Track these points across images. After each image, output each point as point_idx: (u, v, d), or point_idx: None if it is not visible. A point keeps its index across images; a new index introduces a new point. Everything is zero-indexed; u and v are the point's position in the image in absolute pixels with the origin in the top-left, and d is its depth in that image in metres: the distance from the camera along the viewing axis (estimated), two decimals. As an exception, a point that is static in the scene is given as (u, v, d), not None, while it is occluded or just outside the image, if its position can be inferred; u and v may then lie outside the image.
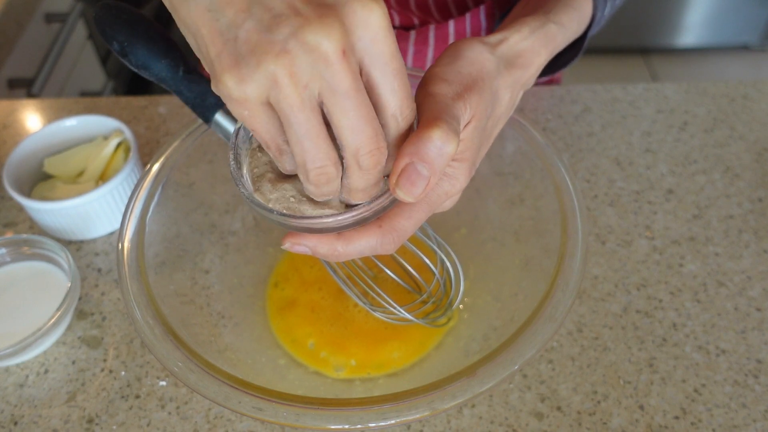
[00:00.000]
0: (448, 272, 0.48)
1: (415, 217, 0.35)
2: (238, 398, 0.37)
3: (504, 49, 0.39)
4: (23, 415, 0.50)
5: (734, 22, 2.03)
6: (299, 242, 0.35)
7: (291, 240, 0.35)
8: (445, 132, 0.31)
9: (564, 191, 0.46)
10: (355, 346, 0.51)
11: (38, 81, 1.10)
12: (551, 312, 0.40)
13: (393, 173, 0.32)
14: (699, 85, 0.75)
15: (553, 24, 0.43)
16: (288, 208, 0.34)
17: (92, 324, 0.56)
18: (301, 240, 0.35)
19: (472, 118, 0.35)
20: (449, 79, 0.35)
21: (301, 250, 0.35)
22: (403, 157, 0.31)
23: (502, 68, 0.39)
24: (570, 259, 0.42)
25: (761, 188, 0.64)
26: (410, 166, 0.31)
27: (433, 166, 0.31)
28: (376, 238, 0.35)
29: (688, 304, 0.55)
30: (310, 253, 0.35)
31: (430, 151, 0.31)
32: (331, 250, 0.35)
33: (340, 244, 0.35)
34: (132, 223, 0.46)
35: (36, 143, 0.63)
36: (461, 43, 0.38)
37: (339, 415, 0.36)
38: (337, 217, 0.33)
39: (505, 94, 0.39)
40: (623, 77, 2.04)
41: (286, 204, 0.34)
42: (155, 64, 0.42)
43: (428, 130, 0.31)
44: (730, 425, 0.48)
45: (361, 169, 0.31)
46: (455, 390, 0.37)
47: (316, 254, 0.35)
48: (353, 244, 0.35)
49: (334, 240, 0.35)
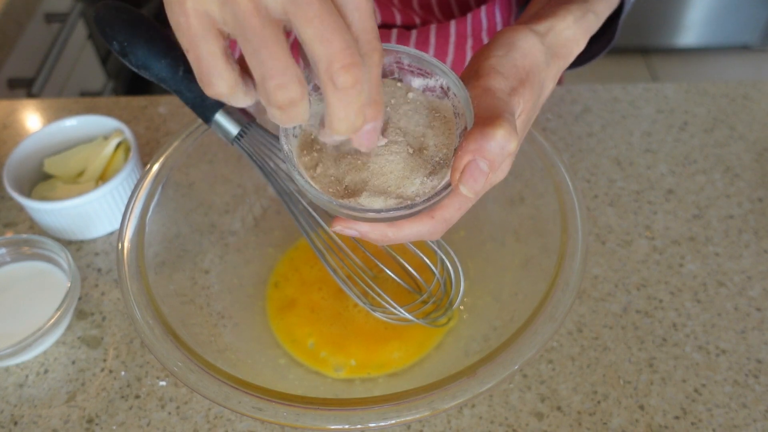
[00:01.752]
0: (449, 272, 0.48)
1: (464, 208, 0.36)
2: (238, 398, 0.37)
3: (551, 38, 0.39)
4: (23, 415, 0.50)
5: (734, 22, 2.03)
6: (350, 226, 0.36)
7: (342, 224, 0.36)
8: (507, 131, 0.32)
9: (564, 191, 0.46)
10: (354, 347, 0.51)
11: (38, 81, 1.10)
12: (551, 312, 0.40)
13: (455, 169, 0.33)
14: (699, 85, 0.75)
15: (592, 14, 0.42)
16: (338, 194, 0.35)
17: (92, 324, 0.56)
18: (352, 225, 0.36)
19: (522, 112, 0.36)
20: (505, 73, 0.35)
21: (351, 233, 0.36)
22: (467, 154, 0.32)
23: (549, 59, 0.39)
24: (570, 259, 0.42)
25: (761, 188, 0.64)
26: (473, 163, 0.32)
27: (494, 163, 0.32)
28: (427, 227, 0.36)
29: (688, 304, 0.55)
30: (359, 236, 0.36)
31: (492, 149, 0.32)
32: (381, 235, 0.36)
33: (391, 231, 0.36)
34: (132, 223, 0.46)
35: (36, 143, 0.63)
36: (513, 32, 0.38)
37: (339, 415, 0.36)
38: (396, 212, 0.34)
39: (549, 84, 0.39)
40: (623, 77, 2.04)
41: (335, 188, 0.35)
42: (155, 64, 0.43)
43: (492, 128, 0.32)
44: (730, 425, 0.48)
45: (337, 89, 0.28)
46: (455, 390, 0.37)
47: (366, 238, 0.36)
48: (404, 231, 0.36)
49: (385, 227, 0.36)
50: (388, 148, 0.36)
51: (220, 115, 0.44)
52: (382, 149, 0.36)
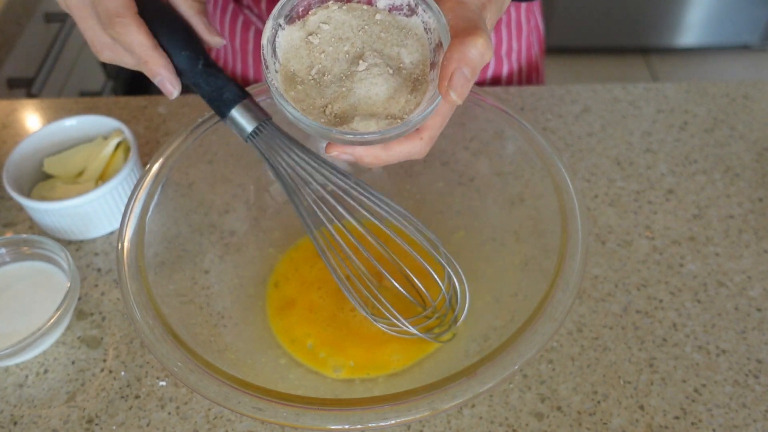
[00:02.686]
0: (455, 288, 0.48)
1: (444, 124, 0.39)
2: (238, 398, 0.37)
3: None
4: (23, 415, 0.50)
5: (735, 21, 2.03)
6: (345, 151, 0.38)
7: (338, 149, 0.38)
8: (485, 40, 0.34)
9: (564, 191, 0.46)
10: (353, 348, 0.51)
11: (38, 81, 1.10)
12: (551, 312, 0.40)
13: (443, 77, 0.35)
14: (699, 84, 0.75)
15: None
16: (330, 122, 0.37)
17: (92, 324, 0.56)
18: (347, 149, 0.38)
19: (490, 27, 0.38)
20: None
21: (346, 158, 0.38)
22: (452, 63, 0.34)
23: None
24: (570, 259, 0.42)
25: (761, 188, 0.64)
26: (458, 71, 0.34)
27: (475, 70, 0.34)
28: (417, 146, 0.38)
29: (689, 304, 0.55)
30: (353, 160, 0.38)
31: (474, 57, 0.34)
32: (375, 158, 0.38)
33: (384, 153, 0.38)
34: (132, 223, 0.45)
35: (36, 143, 0.63)
36: None
37: (339, 415, 0.36)
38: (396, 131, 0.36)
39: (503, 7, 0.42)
40: (623, 77, 2.04)
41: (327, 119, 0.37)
42: (176, 55, 0.42)
43: (473, 38, 0.34)
44: (730, 425, 0.48)
45: None
46: (455, 390, 0.37)
47: (360, 161, 0.38)
48: (395, 151, 0.38)
49: (378, 149, 0.38)
50: (369, 72, 0.37)
51: (236, 111, 0.43)
52: (364, 73, 0.37)
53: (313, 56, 0.38)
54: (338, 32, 0.39)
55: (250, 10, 0.75)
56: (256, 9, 0.73)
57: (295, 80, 0.38)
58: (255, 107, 0.44)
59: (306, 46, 0.39)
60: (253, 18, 0.74)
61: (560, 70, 2.04)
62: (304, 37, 0.39)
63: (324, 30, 0.39)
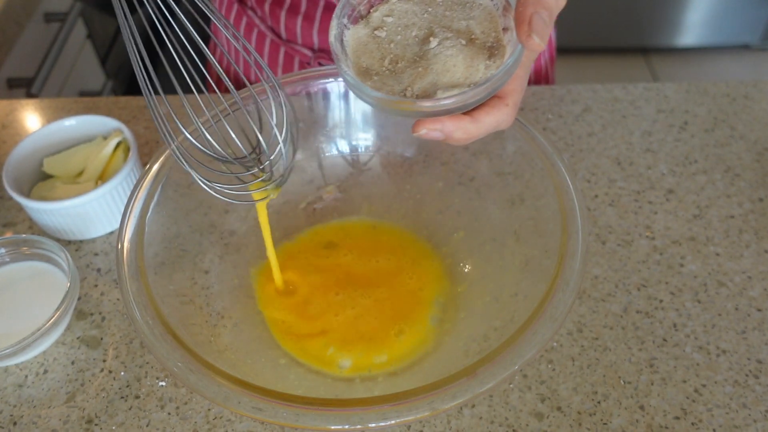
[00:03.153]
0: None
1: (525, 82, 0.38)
2: (237, 398, 0.37)
3: None
4: (22, 415, 0.50)
5: (735, 21, 2.03)
6: (434, 127, 0.36)
7: (427, 126, 0.36)
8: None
9: (564, 191, 0.45)
10: (358, 341, 0.51)
11: (37, 81, 1.10)
12: (551, 312, 0.40)
13: (522, 22, 0.34)
14: (699, 84, 0.75)
15: None
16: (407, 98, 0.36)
17: (92, 324, 0.56)
18: (436, 125, 0.36)
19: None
20: None
21: (436, 135, 0.37)
22: (528, 7, 0.34)
23: None
24: (570, 259, 0.42)
25: (762, 188, 0.64)
26: (536, 14, 0.34)
27: (552, 14, 0.34)
28: (504, 114, 0.37)
29: (689, 304, 0.55)
30: (443, 137, 0.37)
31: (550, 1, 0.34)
32: (465, 132, 0.37)
33: (473, 126, 0.37)
34: (131, 223, 0.45)
35: (35, 143, 0.63)
36: None
37: (339, 415, 0.36)
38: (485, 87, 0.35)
39: None
40: (623, 77, 2.04)
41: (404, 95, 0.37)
42: None
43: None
44: (730, 425, 0.48)
45: None
46: (455, 390, 0.37)
47: (451, 138, 0.37)
48: (484, 122, 0.37)
49: (467, 122, 0.37)
50: (442, 45, 0.37)
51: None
52: (438, 48, 0.37)
53: (382, 48, 0.38)
54: (403, 21, 0.39)
55: (254, 12, 0.75)
56: (260, 11, 0.73)
57: (370, 73, 0.38)
58: None
59: (374, 40, 0.39)
60: (256, 20, 0.75)
61: (560, 70, 2.03)
62: (371, 33, 0.39)
63: (388, 22, 0.39)
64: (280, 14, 0.71)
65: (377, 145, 0.58)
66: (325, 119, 0.57)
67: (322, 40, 0.71)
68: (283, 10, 0.70)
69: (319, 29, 0.70)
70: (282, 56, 0.74)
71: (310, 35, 0.71)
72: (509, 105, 0.38)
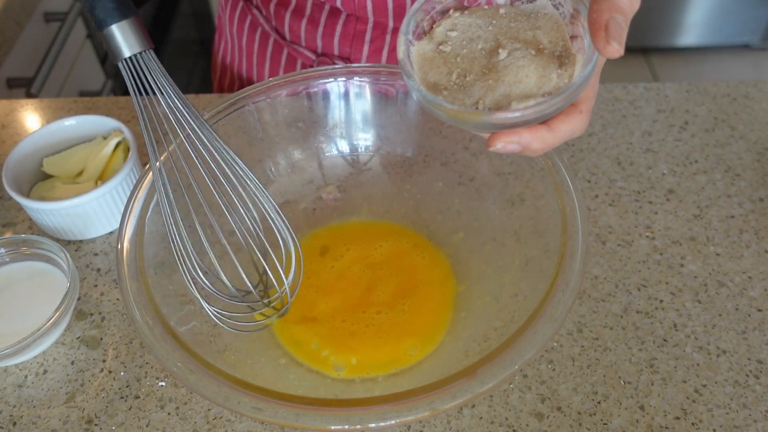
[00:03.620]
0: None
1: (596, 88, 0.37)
2: (237, 398, 0.37)
3: None
4: (22, 415, 0.50)
5: (735, 21, 2.03)
6: (511, 140, 0.36)
7: (504, 139, 0.36)
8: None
9: (564, 191, 0.45)
10: (360, 345, 0.50)
11: (37, 80, 1.10)
12: (551, 312, 0.40)
13: (598, 29, 0.33)
14: (700, 84, 0.75)
15: None
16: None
17: (91, 324, 0.56)
18: (512, 137, 0.35)
19: None
20: None
21: (513, 148, 0.36)
22: (603, 13, 0.33)
23: None
24: (570, 259, 0.42)
25: (762, 188, 0.64)
26: (611, 19, 0.33)
27: (627, 18, 0.33)
28: (578, 122, 0.37)
29: (689, 304, 0.55)
30: (520, 150, 0.36)
31: (624, 5, 0.33)
32: (542, 142, 0.36)
33: (549, 135, 0.36)
34: (131, 222, 0.45)
35: (35, 143, 0.63)
36: None
37: (339, 415, 0.36)
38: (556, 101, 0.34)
39: None
40: (624, 77, 2.04)
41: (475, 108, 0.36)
42: None
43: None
44: (730, 426, 0.48)
45: None
46: (455, 390, 0.37)
47: (528, 149, 0.36)
48: (561, 130, 0.36)
49: (544, 132, 0.36)
50: (512, 56, 0.37)
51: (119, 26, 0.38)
52: (508, 60, 0.37)
53: (449, 63, 0.38)
54: (467, 34, 0.39)
55: (259, 11, 0.75)
56: (264, 11, 0.73)
57: (438, 88, 0.38)
58: (141, 30, 0.40)
59: (439, 55, 0.39)
60: (260, 20, 0.74)
61: (560, 69, 2.03)
62: (435, 48, 0.39)
63: (453, 36, 0.39)
64: (285, 15, 0.71)
65: (377, 145, 0.58)
66: (325, 119, 0.57)
67: (325, 44, 0.71)
68: (288, 11, 0.70)
69: (323, 33, 0.70)
70: (285, 57, 0.74)
71: (314, 38, 0.71)
72: (583, 112, 0.37)
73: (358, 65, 0.55)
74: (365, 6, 0.65)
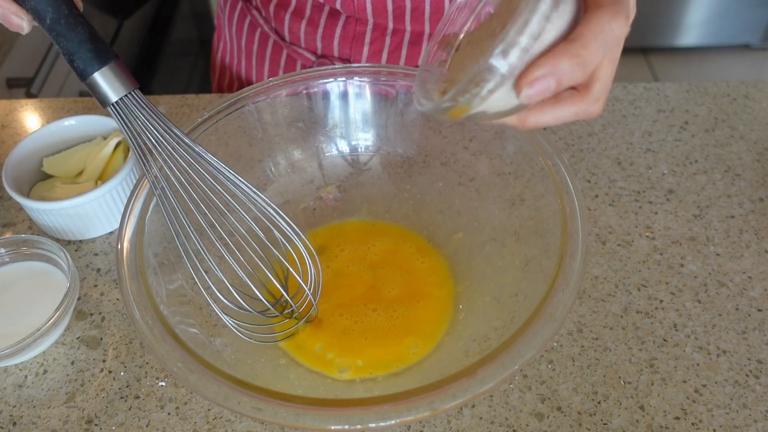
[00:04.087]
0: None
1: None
2: (237, 398, 0.37)
3: None
4: (22, 415, 0.50)
5: (735, 21, 2.03)
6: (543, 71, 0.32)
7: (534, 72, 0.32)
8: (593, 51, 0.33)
9: (564, 191, 0.45)
10: (363, 347, 0.50)
11: (37, 80, 1.10)
12: (551, 312, 0.40)
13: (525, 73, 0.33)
14: (700, 84, 0.75)
15: None
16: None
17: (91, 324, 0.56)
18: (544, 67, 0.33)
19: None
20: None
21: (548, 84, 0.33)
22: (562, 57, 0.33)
23: None
24: (570, 259, 0.42)
25: (762, 188, 0.64)
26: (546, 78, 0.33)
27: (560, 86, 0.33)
28: (587, 105, 0.36)
29: (689, 304, 0.55)
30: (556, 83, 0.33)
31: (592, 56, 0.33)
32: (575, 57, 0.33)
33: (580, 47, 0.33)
34: (131, 223, 0.45)
35: (35, 143, 0.63)
36: None
37: (339, 415, 0.36)
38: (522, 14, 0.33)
39: None
40: (624, 77, 2.04)
41: None
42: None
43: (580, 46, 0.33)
44: (731, 426, 0.48)
45: None
46: (455, 390, 0.37)
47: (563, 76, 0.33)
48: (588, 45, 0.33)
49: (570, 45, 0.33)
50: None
51: (101, 74, 0.39)
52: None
53: None
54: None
55: (258, 12, 0.75)
56: (264, 12, 0.73)
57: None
58: (123, 72, 0.40)
59: None
60: (260, 20, 0.74)
61: (560, 69, 2.03)
62: None
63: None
64: (285, 17, 0.71)
65: (377, 145, 0.58)
66: (325, 119, 0.57)
67: (325, 46, 0.71)
68: (287, 12, 0.70)
69: (323, 35, 0.70)
70: (284, 58, 0.74)
71: (313, 40, 0.71)
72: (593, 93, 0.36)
73: (357, 65, 0.55)
74: (365, 8, 0.65)
